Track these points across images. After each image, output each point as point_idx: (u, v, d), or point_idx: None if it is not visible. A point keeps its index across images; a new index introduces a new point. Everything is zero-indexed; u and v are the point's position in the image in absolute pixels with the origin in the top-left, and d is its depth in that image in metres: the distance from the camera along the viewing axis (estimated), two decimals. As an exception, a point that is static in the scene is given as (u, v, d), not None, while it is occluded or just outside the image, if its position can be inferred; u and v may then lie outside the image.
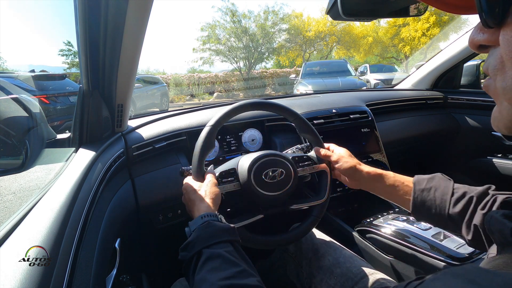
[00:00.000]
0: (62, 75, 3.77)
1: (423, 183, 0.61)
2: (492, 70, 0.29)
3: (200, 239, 0.49)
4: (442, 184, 0.59)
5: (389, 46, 19.37)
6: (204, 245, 0.48)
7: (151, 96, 9.15)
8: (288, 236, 0.72)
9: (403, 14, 0.65)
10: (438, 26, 16.17)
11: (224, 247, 0.48)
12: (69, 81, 3.68)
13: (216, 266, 0.44)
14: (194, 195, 0.61)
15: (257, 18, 17.02)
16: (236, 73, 17.02)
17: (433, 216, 0.58)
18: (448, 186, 0.58)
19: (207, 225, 0.52)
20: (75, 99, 2.86)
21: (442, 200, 0.57)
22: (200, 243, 0.48)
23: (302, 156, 0.78)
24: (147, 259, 1.13)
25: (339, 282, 0.70)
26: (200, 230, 0.51)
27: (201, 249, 0.47)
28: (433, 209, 0.58)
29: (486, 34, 0.28)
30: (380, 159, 1.19)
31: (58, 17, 2.37)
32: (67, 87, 3.53)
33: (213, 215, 0.55)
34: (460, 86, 1.63)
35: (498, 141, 1.37)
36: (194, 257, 0.47)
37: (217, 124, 0.70)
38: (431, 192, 0.59)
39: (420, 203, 0.60)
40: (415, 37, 16.76)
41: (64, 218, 0.46)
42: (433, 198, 0.58)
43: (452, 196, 0.57)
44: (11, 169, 0.69)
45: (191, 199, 0.61)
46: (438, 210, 0.57)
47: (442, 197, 0.57)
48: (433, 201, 0.58)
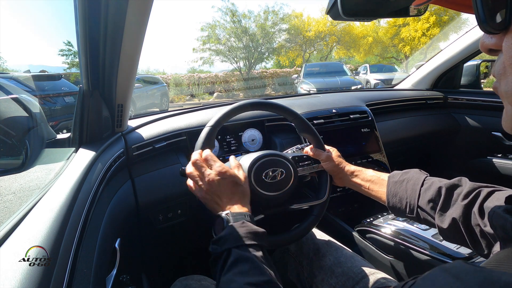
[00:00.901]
0: (58, 75, 3.71)
1: (397, 176, 0.64)
2: (497, 75, 0.30)
3: (234, 237, 0.48)
4: (414, 176, 0.61)
5: (389, 46, 19.38)
6: (235, 244, 0.47)
7: (151, 96, 9.16)
8: (289, 236, 0.72)
9: (403, 14, 0.65)
10: (438, 26, 16.18)
11: (254, 250, 0.48)
12: (65, 82, 3.62)
13: (244, 270, 0.44)
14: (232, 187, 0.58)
15: (257, 18, 17.05)
16: (236, 73, 17.03)
17: (405, 208, 0.60)
18: (420, 178, 0.60)
19: (242, 224, 0.51)
20: (70, 99, 2.84)
21: (412, 191, 0.59)
22: (233, 241, 0.48)
23: (302, 156, 0.78)
24: (147, 259, 1.13)
25: (340, 281, 0.70)
26: (234, 228, 0.50)
27: (232, 248, 0.47)
28: (404, 200, 0.60)
29: (495, 39, 0.29)
30: (380, 159, 1.19)
31: (58, 17, 2.37)
32: (62, 88, 3.49)
33: (248, 215, 0.54)
34: (460, 86, 1.63)
35: (498, 141, 1.37)
36: (224, 253, 0.47)
37: (216, 124, 0.70)
38: (403, 183, 0.61)
39: (393, 194, 0.62)
40: (415, 37, 16.77)
41: (64, 218, 0.46)
42: (404, 189, 0.60)
43: (421, 186, 0.58)
44: (11, 169, 0.69)
45: (226, 186, 0.57)
46: (408, 200, 0.59)
47: (413, 187, 0.59)
48: (404, 192, 0.60)
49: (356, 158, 1.16)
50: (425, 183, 0.59)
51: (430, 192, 0.56)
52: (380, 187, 0.67)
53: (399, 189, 0.62)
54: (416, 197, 0.58)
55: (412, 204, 0.58)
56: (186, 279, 0.74)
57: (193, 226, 1.02)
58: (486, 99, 1.42)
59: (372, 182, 0.69)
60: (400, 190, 0.61)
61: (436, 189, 0.56)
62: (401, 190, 0.61)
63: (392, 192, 0.63)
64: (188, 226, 1.01)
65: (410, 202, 0.59)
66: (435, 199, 0.55)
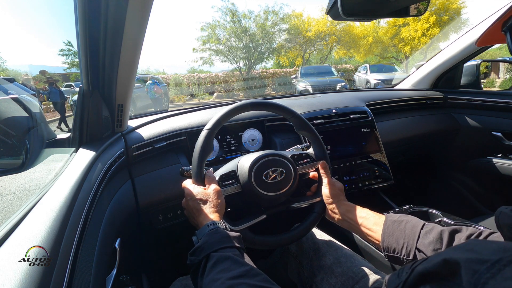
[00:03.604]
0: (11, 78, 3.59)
1: (395, 217, 0.62)
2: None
3: (208, 244, 0.50)
4: (414, 220, 0.59)
5: (389, 46, 19.37)
6: (212, 249, 0.49)
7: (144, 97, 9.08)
8: (292, 235, 0.72)
9: (403, 14, 0.65)
10: (438, 26, 16.17)
11: (231, 251, 0.50)
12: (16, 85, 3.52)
13: (225, 268, 0.45)
14: (199, 205, 0.62)
15: (257, 18, 17.02)
16: (236, 73, 17.02)
17: (401, 248, 0.57)
18: (419, 221, 0.58)
19: (215, 231, 0.53)
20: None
21: (412, 232, 0.57)
22: (209, 247, 0.50)
23: (301, 154, 0.78)
24: (147, 259, 1.13)
25: (340, 281, 0.70)
26: (208, 236, 0.52)
27: (210, 253, 0.49)
28: (402, 240, 0.57)
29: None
30: (380, 159, 1.19)
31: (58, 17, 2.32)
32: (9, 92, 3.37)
33: (219, 223, 0.57)
34: (460, 86, 1.62)
35: (498, 141, 1.37)
36: (202, 261, 0.48)
37: (214, 127, 0.69)
38: (402, 224, 0.59)
39: (390, 233, 0.59)
40: (415, 37, 16.76)
41: (64, 218, 0.46)
42: (403, 229, 0.58)
43: (422, 229, 0.56)
44: (11, 169, 0.69)
45: (196, 209, 0.62)
46: (406, 241, 0.56)
47: (412, 229, 0.57)
48: (403, 232, 0.58)
49: (356, 158, 1.16)
50: (425, 227, 0.56)
51: (431, 235, 0.54)
52: (375, 226, 0.63)
53: (396, 228, 0.59)
54: (416, 239, 0.55)
55: (410, 246, 0.56)
56: (186, 279, 0.74)
57: (193, 226, 1.02)
58: (486, 99, 1.42)
59: (367, 219, 0.65)
60: (397, 230, 0.59)
61: (438, 232, 0.53)
62: (399, 230, 0.58)
63: (388, 231, 0.60)
64: (188, 226, 1.01)
65: (408, 243, 0.56)
66: (437, 242, 0.52)
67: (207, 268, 0.47)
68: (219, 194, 0.64)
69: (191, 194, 0.64)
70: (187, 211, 0.66)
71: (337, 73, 12.20)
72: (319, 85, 10.07)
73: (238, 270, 0.44)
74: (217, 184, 0.66)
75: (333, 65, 16.97)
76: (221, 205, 0.62)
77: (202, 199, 0.62)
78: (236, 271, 0.44)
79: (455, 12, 16.17)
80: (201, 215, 0.60)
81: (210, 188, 0.64)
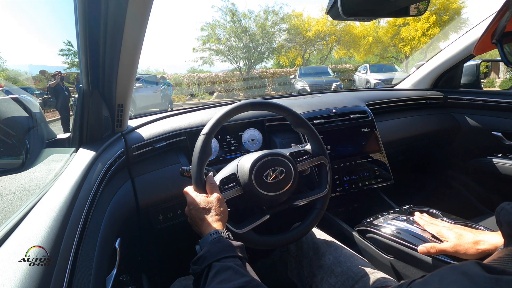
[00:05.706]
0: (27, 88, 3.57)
1: None
2: None
3: (211, 254, 0.51)
4: None
5: (389, 46, 19.34)
6: (214, 259, 0.49)
7: (153, 96, 9.21)
8: (295, 233, 0.73)
9: (403, 14, 0.65)
10: (438, 26, 16.15)
11: (233, 261, 0.50)
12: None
13: (226, 278, 0.46)
14: (202, 214, 0.61)
15: (257, 18, 17.00)
16: (236, 73, 17.01)
17: None
18: None
19: (218, 241, 0.54)
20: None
21: None
22: (211, 257, 0.50)
23: (300, 151, 0.78)
24: (147, 259, 1.13)
25: (340, 281, 0.70)
26: (210, 245, 0.53)
27: (212, 263, 0.49)
28: None
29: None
30: (380, 159, 1.19)
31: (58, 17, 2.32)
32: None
33: (222, 232, 0.57)
34: (460, 86, 1.62)
35: (498, 141, 1.37)
36: (204, 270, 0.49)
37: (211, 131, 0.69)
38: None
39: None
40: (415, 37, 16.74)
41: (64, 218, 0.46)
42: None
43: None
44: (11, 169, 0.69)
45: (199, 218, 0.62)
46: None
47: None
48: None
49: (356, 158, 1.16)
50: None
51: None
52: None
53: None
54: None
55: None
56: (186, 279, 0.74)
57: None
58: (486, 99, 1.42)
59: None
60: None
61: None
62: None
63: None
64: (188, 226, 1.01)
65: None
66: None
67: (208, 278, 0.47)
68: (222, 202, 0.63)
69: (193, 203, 0.64)
70: (190, 219, 0.65)
71: (333, 73, 13.08)
72: (316, 84, 10.94)
73: (238, 281, 0.45)
74: (218, 191, 0.66)
75: (333, 65, 17.33)
76: (223, 213, 0.62)
77: (205, 208, 0.62)
78: (237, 282, 0.44)
79: (455, 12, 16.16)
80: (204, 224, 0.60)
81: (213, 196, 0.64)
